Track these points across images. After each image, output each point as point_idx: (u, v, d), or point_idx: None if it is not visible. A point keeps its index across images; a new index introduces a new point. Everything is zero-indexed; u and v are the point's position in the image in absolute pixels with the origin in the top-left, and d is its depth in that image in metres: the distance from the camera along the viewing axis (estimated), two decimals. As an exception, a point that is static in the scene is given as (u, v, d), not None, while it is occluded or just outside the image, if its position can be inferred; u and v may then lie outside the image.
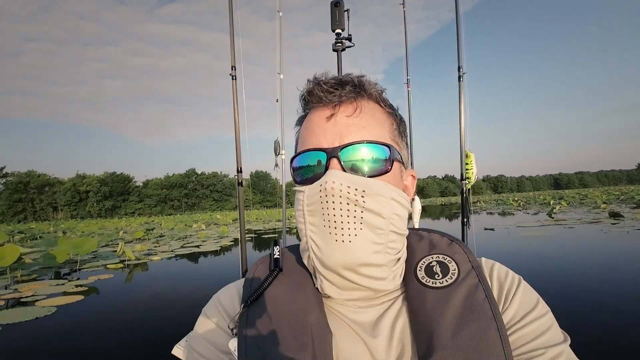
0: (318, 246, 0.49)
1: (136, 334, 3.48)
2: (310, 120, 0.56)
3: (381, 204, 0.49)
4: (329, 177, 0.48)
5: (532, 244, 7.91)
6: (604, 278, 4.66)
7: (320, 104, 0.55)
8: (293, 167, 0.56)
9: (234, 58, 2.61)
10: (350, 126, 0.52)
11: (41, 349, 3.15)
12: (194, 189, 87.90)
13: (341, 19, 2.20)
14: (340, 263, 0.48)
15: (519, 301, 0.49)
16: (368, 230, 0.48)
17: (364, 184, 0.49)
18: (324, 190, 0.48)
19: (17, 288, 5.44)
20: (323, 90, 0.54)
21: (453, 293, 0.49)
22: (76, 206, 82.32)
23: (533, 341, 0.46)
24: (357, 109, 0.54)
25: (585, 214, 14.36)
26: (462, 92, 2.42)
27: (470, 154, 2.48)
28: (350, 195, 0.48)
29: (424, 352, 0.45)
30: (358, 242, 0.48)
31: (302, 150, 0.54)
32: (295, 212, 0.54)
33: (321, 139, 0.52)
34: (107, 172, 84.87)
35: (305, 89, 0.57)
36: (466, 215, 2.52)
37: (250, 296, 0.52)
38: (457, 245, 0.57)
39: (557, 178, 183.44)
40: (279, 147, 2.85)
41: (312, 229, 0.50)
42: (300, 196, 0.52)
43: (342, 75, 0.56)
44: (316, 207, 0.50)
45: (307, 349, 0.45)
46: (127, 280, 6.35)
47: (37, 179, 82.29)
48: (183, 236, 14.33)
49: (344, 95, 0.53)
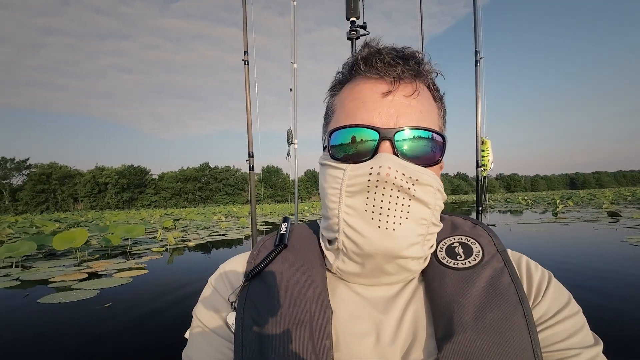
0: (356, 230, 0.47)
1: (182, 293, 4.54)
2: (362, 92, 0.50)
3: (429, 194, 0.48)
4: (384, 162, 0.46)
5: (525, 238, 8.72)
6: (584, 269, 5.48)
7: (377, 75, 0.49)
8: (332, 140, 0.50)
9: (246, 43, 2.64)
10: (407, 108, 0.49)
11: (137, 302, 4.22)
12: (208, 183, 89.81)
13: (356, 7, 2.17)
14: (381, 250, 0.46)
15: (551, 297, 0.47)
16: (413, 220, 0.47)
17: (417, 172, 0.47)
18: (376, 174, 0.45)
19: (88, 265, 6.60)
20: (384, 61, 0.48)
21: (476, 275, 0.48)
22: (95, 197, 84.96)
23: (566, 340, 0.44)
24: (416, 90, 0.50)
25: (587, 213, 14.99)
26: (479, 77, 2.40)
27: (486, 140, 2.44)
28: (403, 183, 0.46)
29: (443, 333, 0.44)
30: (402, 231, 0.46)
31: (350, 125, 0.49)
32: (327, 189, 0.50)
33: (374, 115, 0.48)
34: (125, 165, 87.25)
35: (360, 54, 0.51)
36: (481, 204, 2.49)
37: (252, 271, 0.51)
38: (481, 228, 0.56)
39: (573, 177, 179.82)
40: (291, 136, 2.80)
41: (347, 210, 0.48)
42: (337, 173, 0.49)
43: (402, 48, 0.51)
44: (359, 189, 0.47)
45: (304, 326, 0.45)
46: (169, 262, 7.46)
47: (59, 170, 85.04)
48: (207, 226, 15.52)
49: (405, 72, 0.49)
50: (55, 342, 3.05)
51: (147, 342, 3.06)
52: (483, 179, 2.47)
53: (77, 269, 6.27)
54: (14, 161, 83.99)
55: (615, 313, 3.26)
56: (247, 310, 0.48)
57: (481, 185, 2.47)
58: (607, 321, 3.09)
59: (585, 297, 3.70)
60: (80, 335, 3.17)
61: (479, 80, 2.41)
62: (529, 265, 0.51)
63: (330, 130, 0.51)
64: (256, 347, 0.45)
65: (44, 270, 6.19)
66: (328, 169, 0.51)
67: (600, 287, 4.08)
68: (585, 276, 4.65)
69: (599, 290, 3.96)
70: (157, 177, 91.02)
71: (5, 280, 5.40)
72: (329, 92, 0.57)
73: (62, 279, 5.39)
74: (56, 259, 7.39)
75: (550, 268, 0.53)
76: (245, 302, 0.49)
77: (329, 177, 0.50)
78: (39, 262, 7.01)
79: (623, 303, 3.54)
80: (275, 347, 0.44)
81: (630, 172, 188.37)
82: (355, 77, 0.52)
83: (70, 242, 6.85)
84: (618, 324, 3.03)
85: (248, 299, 0.49)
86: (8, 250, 6.50)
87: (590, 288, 4.05)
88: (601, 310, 3.36)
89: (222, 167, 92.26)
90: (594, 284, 4.22)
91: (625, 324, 3.02)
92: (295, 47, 2.94)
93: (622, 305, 3.46)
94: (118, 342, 3.05)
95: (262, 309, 0.48)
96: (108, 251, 8.33)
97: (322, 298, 0.48)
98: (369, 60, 0.50)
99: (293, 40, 2.95)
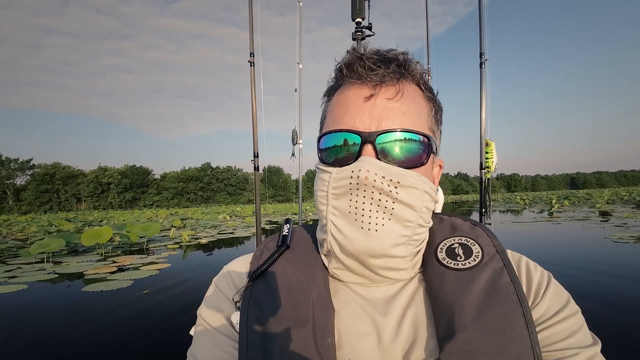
0: (340, 231, 0.49)
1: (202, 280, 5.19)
2: (346, 97, 0.52)
3: (413, 196, 0.48)
4: (364, 165, 0.47)
5: (515, 234, 9.27)
6: (560, 260, 6.03)
7: (359, 80, 0.51)
8: (321, 145, 0.53)
9: (252, 45, 2.61)
10: (390, 110, 0.49)
11: (167, 288, 4.79)
12: (209, 183, 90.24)
13: (362, 8, 2.16)
14: (363, 250, 0.48)
15: (550, 298, 0.48)
16: (396, 221, 0.48)
17: (399, 175, 0.47)
18: (356, 178, 0.47)
19: (113, 260, 7.18)
20: (365, 66, 0.50)
21: (476, 275, 0.48)
22: (98, 197, 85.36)
23: (564, 340, 0.45)
24: (399, 92, 0.50)
25: (580, 213, 15.55)
26: (483, 79, 2.38)
27: (491, 142, 2.41)
28: (384, 186, 0.46)
29: (444, 333, 0.45)
30: (384, 232, 0.47)
31: (334, 130, 0.51)
32: (317, 192, 0.52)
33: (356, 120, 0.49)
34: (127, 165, 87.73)
35: (343, 61, 0.53)
36: (485, 206, 2.46)
37: (255, 271, 0.53)
38: (480, 229, 0.56)
39: (574, 177, 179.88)
40: (296, 137, 2.80)
41: (334, 212, 0.49)
42: (325, 177, 0.51)
43: (386, 51, 0.52)
44: (343, 192, 0.48)
45: (307, 325, 0.46)
46: (183, 257, 8.03)
47: (62, 170, 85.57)
48: (214, 225, 16.10)
49: (386, 75, 0.50)
50: (112, 319, 3.64)
51: (180, 315, 3.69)
52: (487, 181, 2.46)
53: (104, 263, 6.84)
54: (17, 161, 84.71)
55: (580, 295, 3.83)
56: (251, 310, 0.49)
57: (485, 187, 2.45)
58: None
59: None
60: (130, 312, 3.76)
61: (484, 82, 2.41)
62: (529, 265, 0.52)
63: (319, 135, 0.54)
64: (260, 345, 0.46)
65: (73, 265, 6.76)
66: (318, 172, 0.53)
67: (571, 274, 4.70)
68: (561, 267, 5.26)
69: (569, 275, 4.59)
70: (160, 177, 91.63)
71: (45, 274, 5.97)
72: (324, 98, 0.59)
73: (96, 272, 5.97)
74: (81, 255, 7.98)
75: (531, 259, 0.55)
76: (249, 302, 0.50)
77: (319, 180, 0.52)
78: (66, 258, 7.59)
79: (591, 286, 4.14)
80: (278, 345, 0.45)
81: (632, 172, 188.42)
82: (342, 83, 0.54)
83: (97, 239, 7.44)
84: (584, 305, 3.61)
85: (252, 298, 0.50)
86: (40, 246, 7.09)
87: (565, 274, 4.64)
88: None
89: (224, 167, 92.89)
90: (568, 272, 4.83)
91: (587, 305, 3.58)
92: (300, 47, 2.92)
93: (589, 289, 4.05)
94: (159, 316, 3.71)
95: (265, 308, 0.48)
96: (126, 248, 8.92)
97: (324, 297, 0.49)
98: (351, 65, 0.51)
99: (299, 41, 2.92)
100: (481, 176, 2.48)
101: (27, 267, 6.60)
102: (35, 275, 5.89)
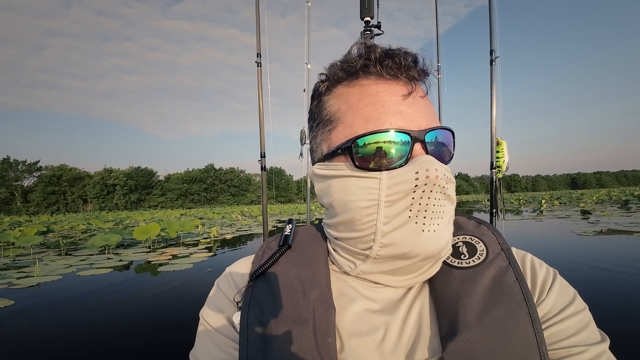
0: (396, 238, 0.46)
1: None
2: (379, 94, 0.48)
3: (453, 191, 0.49)
4: (430, 165, 0.45)
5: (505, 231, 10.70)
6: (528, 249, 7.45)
7: (389, 77, 0.48)
8: (357, 148, 0.46)
9: (259, 45, 2.61)
10: (425, 108, 0.49)
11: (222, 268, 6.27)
12: (213, 184, 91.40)
13: (371, 7, 2.14)
14: (427, 253, 0.46)
15: (556, 294, 0.47)
16: (447, 219, 0.48)
17: (449, 171, 0.48)
18: (423, 178, 0.44)
19: (163, 251, 8.63)
20: (400, 62, 0.48)
21: (481, 274, 0.48)
22: (104, 199, 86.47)
23: (571, 337, 0.44)
24: (427, 90, 0.51)
25: (564, 211, 17.02)
26: (494, 77, 2.33)
27: (502, 141, 2.33)
28: (443, 183, 0.46)
29: (447, 332, 0.44)
30: (441, 231, 0.46)
31: (380, 130, 0.46)
32: (356, 202, 0.47)
33: (398, 119, 0.47)
34: (132, 167, 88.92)
35: (373, 55, 0.48)
36: (495, 206, 2.38)
37: (256, 271, 0.53)
38: (485, 227, 0.56)
39: (574, 177, 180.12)
40: (304, 137, 2.83)
41: (385, 220, 0.46)
42: (372, 184, 0.46)
43: (405, 48, 0.50)
44: (401, 197, 0.45)
45: (307, 323, 0.46)
46: (212, 251, 9.50)
47: (68, 172, 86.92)
48: (230, 224, 17.58)
49: (419, 73, 0.49)
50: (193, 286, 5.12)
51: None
52: (498, 181, 2.39)
53: (156, 254, 8.31)
54: (25, 163, 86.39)
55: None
56: (251, 310, 0.49)
57: (496, 187, 2.39)
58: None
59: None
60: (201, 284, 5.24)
61: (495, 80, 2.35)
62: (534, 263, 0.52)
63: (354, 137, 0.47)
64: (260, 345, 0.46)
65: (131, 255, 8.21)
66: (351, 179, 0.48)
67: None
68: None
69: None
70: (164, 178, 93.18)
71: (116, 262, 7.41)
72: (323, 95, 0.53)
73: (156, 259, 7.44)
74: (131, 248, 9.46)
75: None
76: (249, 302, 0.50)
77: (355, 189, 0.47)
78: (120, 250, 9.07)
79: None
80: (279, 345, 0.45)
81: (633, 171, 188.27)
82: (359, 78, 0.50)
83: (147, 234, 8.93)
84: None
85: (252, 298, 0.50)
86: (104, 240, 8.58)
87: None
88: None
89: (227, 169, 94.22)
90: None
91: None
92: (309, 48, 2.95)
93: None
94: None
95: (266, 307, 0.49)
96: (166, 242, 10.39)
97: (325, 296, 0.49)
98: (382, 62, 0.48)
99: (307, 41, 2.96)
100: (492, 176, 2.46)
101: (94, 258, 8.05)
102: (108, 262, 7.35)
